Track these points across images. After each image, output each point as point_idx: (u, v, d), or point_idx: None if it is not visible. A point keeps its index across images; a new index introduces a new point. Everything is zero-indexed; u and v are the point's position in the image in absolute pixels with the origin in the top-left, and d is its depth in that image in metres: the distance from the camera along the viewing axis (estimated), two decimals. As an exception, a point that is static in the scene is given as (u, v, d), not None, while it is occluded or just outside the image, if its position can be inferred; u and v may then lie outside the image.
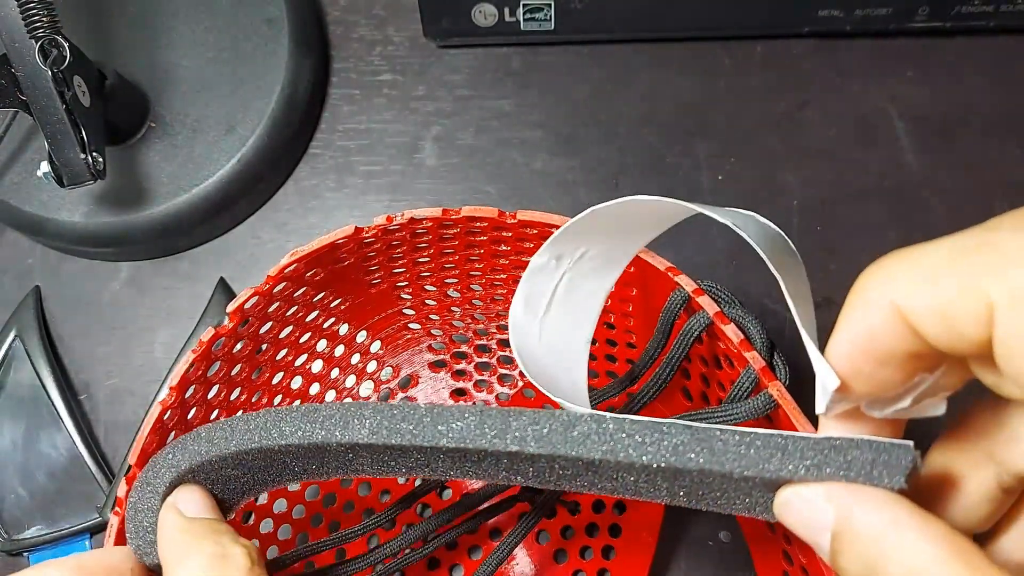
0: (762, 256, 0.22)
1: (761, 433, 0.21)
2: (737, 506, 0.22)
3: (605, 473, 0.23)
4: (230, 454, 0.25)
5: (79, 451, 0.43)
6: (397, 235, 0.31)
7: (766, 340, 0.27)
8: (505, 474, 0.24)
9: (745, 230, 0.22)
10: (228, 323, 0.30)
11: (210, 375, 0.31)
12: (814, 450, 0.20)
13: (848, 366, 0.20)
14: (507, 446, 0.23)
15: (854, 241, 0.44)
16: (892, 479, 0.19)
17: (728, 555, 0.41)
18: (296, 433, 0.25)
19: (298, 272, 0.30)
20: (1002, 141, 0.45)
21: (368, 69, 0.48)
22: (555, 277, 0.27)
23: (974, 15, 0.44)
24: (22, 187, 0.44)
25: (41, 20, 0.36)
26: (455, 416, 0.23)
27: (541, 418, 0.23)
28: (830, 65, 0.46)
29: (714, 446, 0.21)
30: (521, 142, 0.46)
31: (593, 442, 0.22)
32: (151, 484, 0.27)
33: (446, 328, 0.41)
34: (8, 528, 0.43)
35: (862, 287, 0.20)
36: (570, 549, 0.41)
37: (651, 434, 0.22)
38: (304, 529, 0.38)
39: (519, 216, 0.30)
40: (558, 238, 0.26)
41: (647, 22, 0.45)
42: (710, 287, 0.28)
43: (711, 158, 0.45)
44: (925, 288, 0.19)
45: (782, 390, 0.26)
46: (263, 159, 0.44)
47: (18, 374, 0.44)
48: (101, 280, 0.46)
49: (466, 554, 0.41)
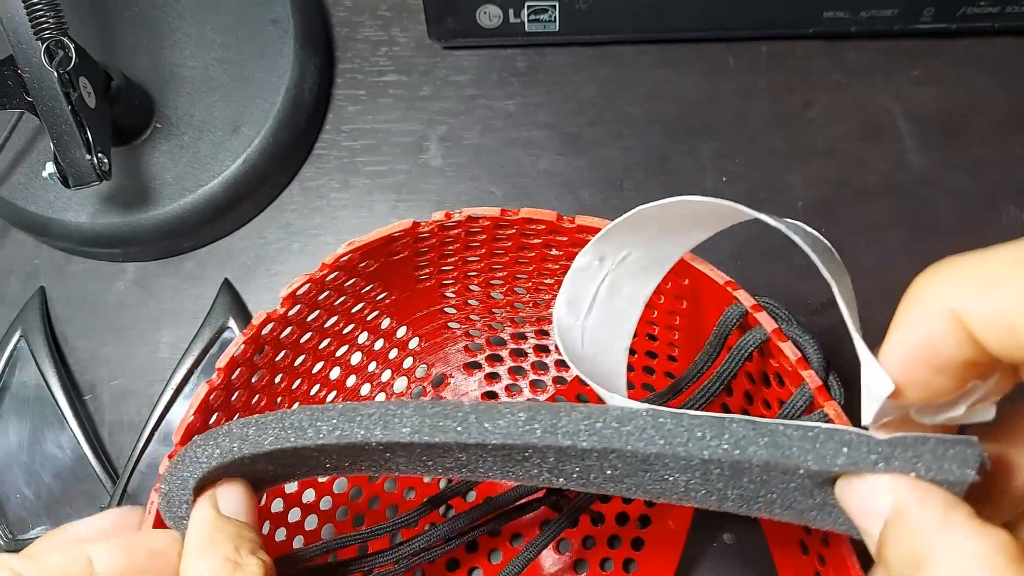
0: (817, 264, 0.21)
1: (825, 427, 0.20)
2: (790, 510, 0.22)
3: (657, 472, 0.22)
4: (263, 453, 0.25)
5: (84, 451, 0.43)
6: (452, 232, 0.31)
7: (823, 360, 0.26)
8: (548, 475, 0.24)
9: (798, 236, 0.22)
10: (280, 308, 0.30)
11: (256, 359, 0.31)
12: (881, 445, 0.20)
13: (903, 374, 0.20)
14: (558, 441, 0.22)
15: (859, 241, 0.44)
16: (961, 472, 0.19)
17: (732, 557, 0.41)
18: (334, 432, 0.24)
19: (351, 262, 0.30)
20: (1007, 141, 0.44)
21: (373, 69, 0.48)
22: (597, 279, 0.27)
23: (980, 16, 0.44)
24: (28, 188, 0.44)
25: (47, 21, 0.36)
26: (502, 412, 0.23)
27: (594, 412, 0.22)
28: (835, 66, 0.46)
29: (778, 440, 0.20)
30: (526, 142, 0.46)
31: (650, 436, 0.21)
32: (181, 477, 0.26)
33: (485, 330, 0.41)
34: (13, 528, 0.43)
35: (918, 294, 0.20)
36: (590, 559, 0.41)
37: (712, 428, 0.21)
38: (329, 520, 0.38)
39: (577, 221, 0.29)
40: (602, 238, 0.26)
41: (652, 23, 0.45)
42: (767, 303, 0.28)
43: (716, 158, 0.45)
44: (987, 296, 0.18)
45: (838, 410, 0.25)
46: (268, 160, 0.44)
47: (23, 374, 0.44)
48: (106, 281, 0.46)
49: (486, 557, 0.41)
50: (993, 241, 0.47)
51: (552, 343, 0.41)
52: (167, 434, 0.42)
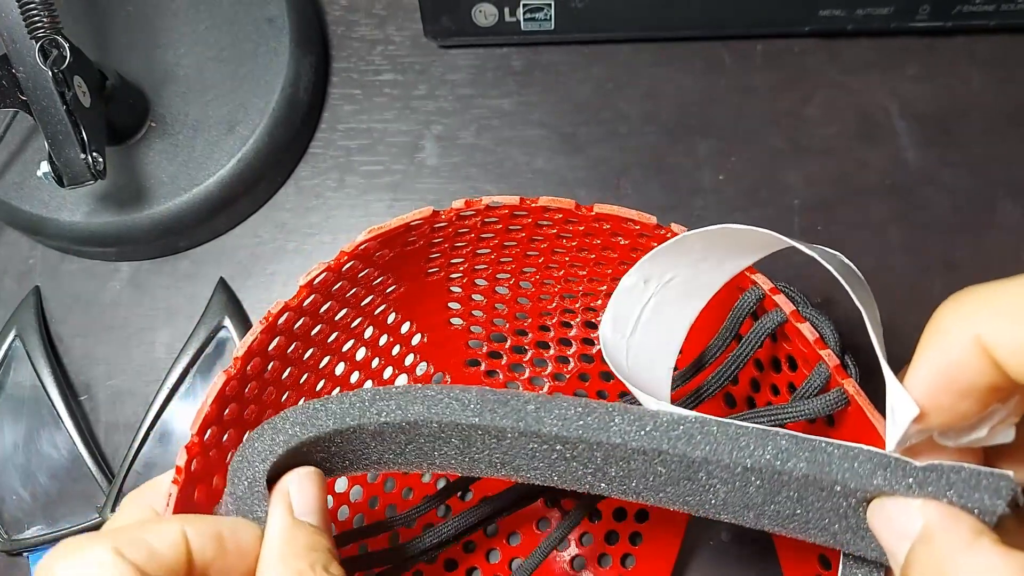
0: (848, 291, 0.22)
1: (864, 449, 0.21)
2: (823, 531, 0.22)
3: (700, 481, 0.23)
4: (325, 434, 0.25)
5: (79, 451, 0.43)
6: (468, 222, 0.32)
7: (839, 340, 0.27)
8: (591, 478, 0.24)
9: (831, 265, 0.23)
10: (296, 297, 0.30)
11: (270, 349, 0.31)
12: (917, 470, 0.20)
13: (928, 398, 0.21)
14: (610, 438, 0.23)
15: (856, 239, 0.44)
16: (992, 503, 0.19)
17: (728, 554, 0.41)
18: (396, 412, 0.25)
19: (369, 250, 0.30)
20: (1004, 139, 0.45)
21: (369, 68, 0.47)
22: (642, 300, 0.28)
23: (975, 14, 0.44)
24: (22, 187, 0.44)
25: (42, 20, 0.36)
26: (560, 404, 0.24)
27: (645, 415, 0.23)
28: (831, 64, 0.46)
29: (818, 456, 0.21)
30: (522, 141, 0.46)
31: (697, 441, 0.22)
32: (251, 475, 0.25)
33: (486, 326, 0.41)
34: (8, 528, 0.43)
35: (942, 322, 0.21)
36: (588, 556, 0.41)
37: (757, 438, 0.22)
38: (331, 519, 0.38)
39: (596, 209, 0.30)
40: (647, 261, 0.27)
41: (648, 21, 0.45)
42: (784, 287, 0.28)
43: (712, 157, 0.45)
44: (1013, 325, 0.19)
45: (856, 387, 0.26)
46: (264, 159, 0.44)
47: (18, 374, 0.44)
48: (101, 280, 0.46)
49: (484, 556, 0.41)
50: (991, 238, 0.47)
51: (550, 339, 0.41)
52: (163, 434, 0.42)
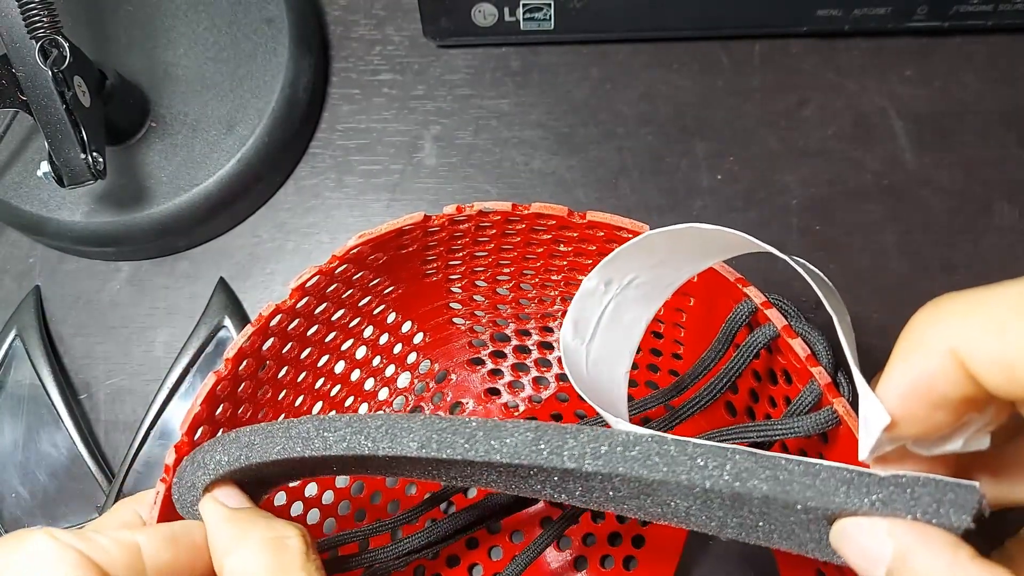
0: (820, 297, 0.22)
1: (826, 465, 0.20)
2: (789, 540, 0.22)
3: (659, 497, 0.22)
4: (270, 461, 0.25)
5: (79, 450, 0.43)
6: (462, 226, 0.31)
7: (831, 357, 0.26)
8: (551, 491, 0.24)
9: (804, 271, 0.23)
10: (288, 300, 0.30)
11: (264, 350, 0.31)
12: (881, 485, 0.20)
13: (901, 408, 0.20)
14: (564, 463, 0.22)
15: (852, 240, 0.44)
16: (958, 518, 0.19)
17: (731, 555, 0.41)
18: (341, 444, 0.24)
19: (361, 255, 0.31)
20: (1001, 140, 0.45)
21: (368, 68, 0.48)
22: (602, 303, 0.27)
23: (973, 14, 0.44)
24: (22, 187, 0.44)
25: (41, 20, 0.36)
26: (510, 431, 0.23)
27: (600, 436, 0.22)
28: (829, 64, 0.46)
29: (779, 474, 0.20)
30: (520, 141, 0.46)
31: (653, 462, 0.21)
32: (191, 481, 0.26)
33: (489, 326, 0.41)
34: (8, 527, 0.43)
35: (917, 331, 0.20)
36: (590, 556, 0.41)
37: (714, 458, 0.21)
38: (331, 515, 0.39)
39: (588, 217, 0.29)
40: (609, 262, 0.26)
41: (646, 22, 0.45)
42: (777, 300, 0.28)
43: (710, 157, 0.45)
44: (989, 338, 0.18)
45: (847, 406, 0.26)
46: (263, 159, 0.44)
47: (18, 373, 0.44)
48: (101, 280, 0.46)
49: (486, 553, 0.41)
50: (987, 239, 0.47)
51: (554, 340, 0.42)
52: (163, 433, 0.42)
